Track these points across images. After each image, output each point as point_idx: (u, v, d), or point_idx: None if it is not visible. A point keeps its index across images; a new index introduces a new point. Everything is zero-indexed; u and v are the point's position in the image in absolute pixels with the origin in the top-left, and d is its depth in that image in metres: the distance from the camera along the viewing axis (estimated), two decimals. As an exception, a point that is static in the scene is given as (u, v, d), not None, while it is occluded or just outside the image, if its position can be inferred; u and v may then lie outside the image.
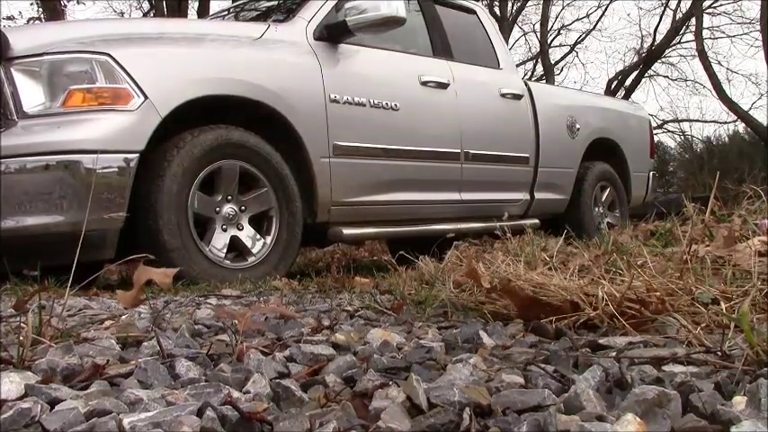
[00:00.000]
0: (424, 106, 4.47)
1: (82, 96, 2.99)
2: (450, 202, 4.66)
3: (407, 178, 4.31)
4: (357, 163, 4.00)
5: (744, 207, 2.63)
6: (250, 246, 3.45)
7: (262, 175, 3.51)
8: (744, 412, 0.82)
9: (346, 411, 0.87)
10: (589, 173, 5.73)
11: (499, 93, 5.08)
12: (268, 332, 1.49)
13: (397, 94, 4.26)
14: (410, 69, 4.49)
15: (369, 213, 4.17)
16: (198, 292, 2.66)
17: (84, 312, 1.95)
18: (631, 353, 1.16)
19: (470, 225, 4.78)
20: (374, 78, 4.21)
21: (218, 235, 3.35)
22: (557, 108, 5.59)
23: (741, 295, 1.40)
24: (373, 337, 1.37)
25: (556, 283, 1.58)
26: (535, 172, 5.28)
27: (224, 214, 3.38)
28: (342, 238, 4.04)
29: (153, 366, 1.08)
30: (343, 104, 3.90)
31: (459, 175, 4.65)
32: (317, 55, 3.85)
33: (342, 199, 3.92)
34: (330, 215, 3.89)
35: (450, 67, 4.75)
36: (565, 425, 0.77)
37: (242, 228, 3.45)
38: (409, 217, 4.47)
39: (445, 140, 4.56)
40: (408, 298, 1.95)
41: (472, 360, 1.11)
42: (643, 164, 6.52)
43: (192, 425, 0.81)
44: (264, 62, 3.64)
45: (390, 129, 4.20)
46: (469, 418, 0.82)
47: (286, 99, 3.60)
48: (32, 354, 1.18)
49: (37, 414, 0.86)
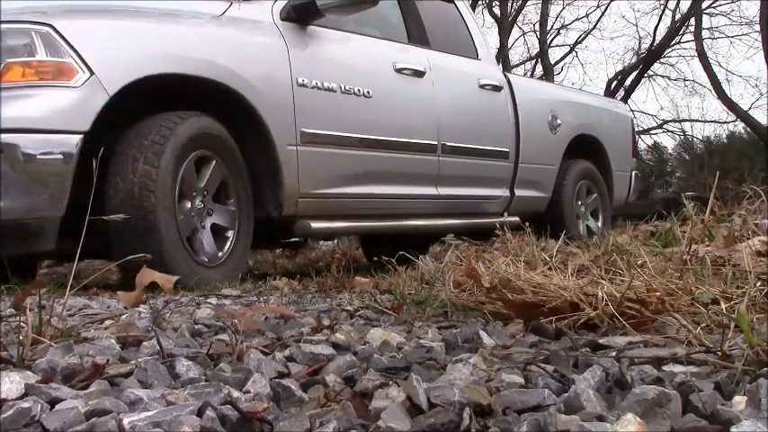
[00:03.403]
0: (398, 94, 4.23)
1: (21, 71, 2.73)
2: (426, 197, 4.43)
3: (381, 170, 4.07)
4: (327, 152, 3.75)
5: (744, 207, 2.63)
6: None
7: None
8: (744, 412, 0.82)
9: (346, 411, 0.87)
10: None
11: (478, 84, 4.85)
12: (268, 332, 1.49)
13: (370, 81, 4.00)
14: (384, 55, 4.23)
15: (339, 207, 3.93)
16: (198, 292, 2.66)
17: (85, 312, 1.95)
18: (631, 353, 1.16)
19: (448, 222, 4.59)
20: (345, 63, 3.95)
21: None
22: (537, 102, 5.38)
23: (741, 295, 1.40)
24: (373, 336, 1.36)
25: (556, 282, 1.58)
26: (515, 168, 5.05)
27: (197, 210, 3.19)
28: (310, 233, 3.82)
29: (153, 366, 1.08)
30: (311, 89, 3.64)
31: (435, 168, 4.41)
32: (284, 36, 3.59)
33: (310, 191, 3.67)
34: (297, 208, 3.64)
35: (427, 56, 4.50)
36: (565, 425, 0.77)
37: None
38: (383, 212, 4.22)
39: (421, 131, 4.32)
40: (408, 298, 1.95)
41: (472, 360, 1.11)
42: (625, 163, 6.31)
43: (192, 425, 0.81)
44: (226, 41, 3.38)
45: (363, 117, 3.95)
46: (469, 418, 0.82)
47: (249, 81, 3.33)
48: (32, 353, 1.18)
49: (37, 413, 0.86)
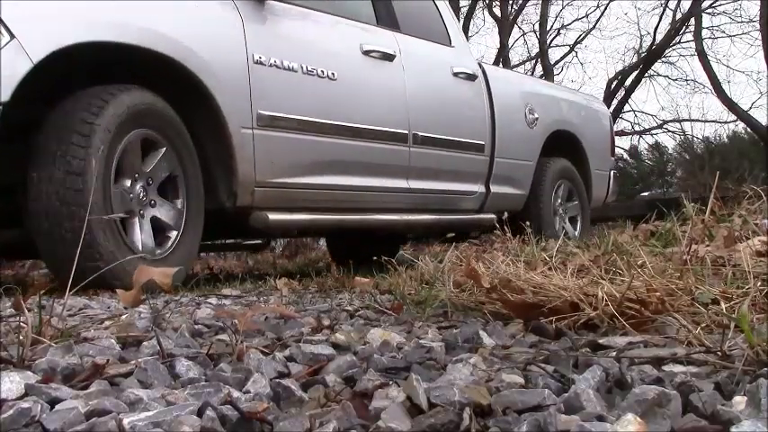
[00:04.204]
0: (366, 78, 3.94)
1: None
2: (396, 191, 4.14)
3: (347, 160, 3.78)
4: (287, 137, 3.45)
5: (744, 207, 2.63)
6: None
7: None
8: (744, 412, 0.82)
9: (346, 411, 0.87)
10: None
11: (452, 71, 4.59)
12: (268, 332, 1.49)
13: (335, 62, 3.71)
14: (350, 35, 3.94)
15: (301, 198, 3.63)
16: (198, 292, 2.66)
17: (85, 312, 1.95)
18: (631, 353, 1.16)
19: (419, 217, 4.34)
20: (308, 41, 3.67)
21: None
22: (514, 94, 5.14)
23: (741, 295, 1.40)
24: (373, 336, 1.36)
25: (556, 283, 1.58)
26: (491, 162, 4.81)
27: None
28: (267, 226, 3.47)
29: (153, 366, 1.08)
30: (269, 67, 3.35)
31: (406, 159, 4.14)
32: (239, 8, 3.31)
33: (268, 179, 3.37)
34: (254, 198, 3.35)
35: (397, 39, 4.22)
36: (565, 425, 0.77)
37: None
38: (349, 205, 3.93)
39: (391, 119, 4.03)
40: (408, 298, 1.95)
41: (472, 360, 1.11)
42: (604, 162, 6.06)
43: (192, 425, 0.81)
44: (172, 9, 3.09)
45: (327, 100, 3.65)
46: (469, 418, 0.82)
47: (199, 54, 3.03)
48: (32, 353, 1.18)
49: (37, 414, 0.86)
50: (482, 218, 4.80)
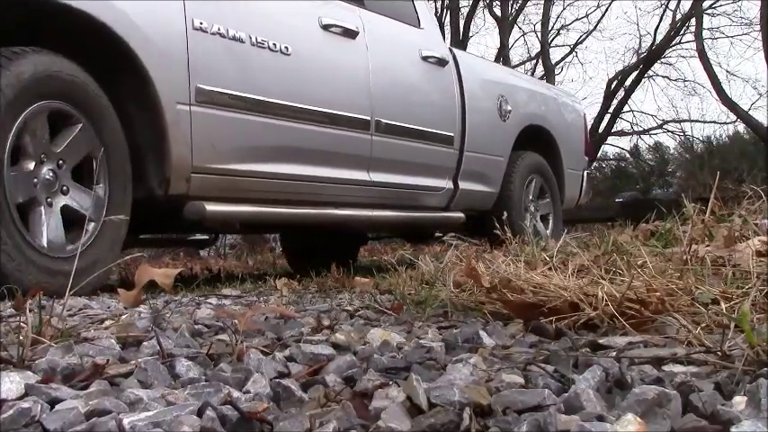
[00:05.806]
0: (325, 55, 3.52)
1: None
2: (356, 183, 3.73)
3: (301, 146, 3.36)
4: (230, 117, 3.00)
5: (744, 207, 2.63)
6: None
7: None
8: (744, 412, 0.82)
9: (346, 411, 0.87)
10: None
11: (420, 55, 4.20)
12: (268, 332, 1.49)
13: (290, 35, 3.30)
14: (308, 6, 3.53)
15: (246, 188, 3.18)
16: (198, 292, 2.66)
17: (85, 312, 1.95)
18: (631, 353, 1.16)
19: (381, 213, 3.94)
20: (258, 9, 3.23)
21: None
22: (486, 84, 4.77)
23: (741, 295, 1.40)
24: (373, 337, 1.37)
25: (556, 283, 1.58)
26: (460, 156, 4.42)
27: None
28: (204, 218, 2.97)
29: (153, 366, 1.08)
30: (212, 35, 2.92)
31: (368, 149, 3.73)
32: None
33: (207, 165, 2.93)
34: (190, 186, 2.90)
35: (360, 15, 3.80)
36: (565, 425, 0.77)
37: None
38: (303, 198, 3.50)
39: (352, 103, 3.61)
40: (408, 298, 1.95)
41: (472, 360, 1.11)
42: (578, 161, 5.75)
43: (192, 425, 0.81)
44: None
45: (279, 77, 3.23)
46: (469, 418, 0.82)
47: (126, 14, 2.62)
48: (32, 353, 1.18)
49: (37, 414, 0.86)
50: (449, 216, 4.45)
